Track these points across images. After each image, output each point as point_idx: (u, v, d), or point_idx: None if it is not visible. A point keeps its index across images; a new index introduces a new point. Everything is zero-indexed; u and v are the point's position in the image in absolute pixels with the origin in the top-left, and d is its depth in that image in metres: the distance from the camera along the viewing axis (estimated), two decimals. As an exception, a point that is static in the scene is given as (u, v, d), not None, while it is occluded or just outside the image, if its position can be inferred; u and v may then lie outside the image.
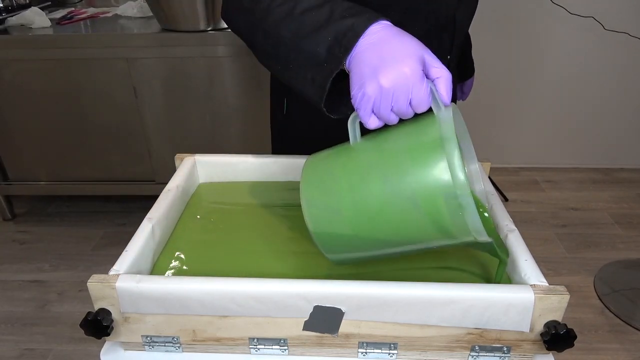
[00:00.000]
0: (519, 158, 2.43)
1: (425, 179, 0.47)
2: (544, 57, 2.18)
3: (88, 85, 1.72)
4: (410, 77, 0.46)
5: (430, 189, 0.47)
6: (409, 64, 0.47)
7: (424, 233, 0.50)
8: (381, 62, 0.48)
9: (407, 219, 0.49)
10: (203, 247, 0.65)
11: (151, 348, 0.56)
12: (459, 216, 0.47)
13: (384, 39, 0.50)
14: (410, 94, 0.47)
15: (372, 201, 0.49)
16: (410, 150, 0.48)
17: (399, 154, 0.49)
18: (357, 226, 0.51)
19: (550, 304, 0.50)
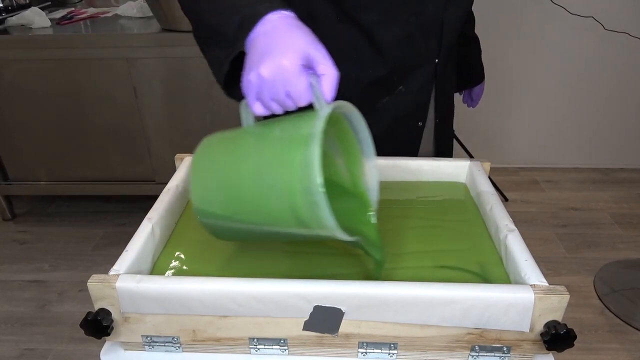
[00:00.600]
0: (519, 158, 2.43)
1: (286, 171, 0.48)
2: (544, 57, 2.18)
3: (88, 85, 1.72)
4: (287, 69, 0.47)
5: (288, 182, 0.48)
6: (288, 56, 0.47)
7: (286, 222, 0.50)
8: (266, 51, 0.49)
9: (271, 206, 0.50)
10: (203, 247, 0.65)
11: (151, 348, 0.56)
12: (313, 211, 0.47)
13: (276, 28, 0.50)
14: (286, 86, 0.48)
15: (242, 184, 0.51)
16: (281, 140, 0.50)
17: (271, 143, 0.51)
18: (228, 204, 0.53)
19: (550, 304, 0.50)
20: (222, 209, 0.54)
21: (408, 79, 0.82)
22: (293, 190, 0.48)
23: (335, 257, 0.63)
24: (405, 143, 0.88)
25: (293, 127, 0.50)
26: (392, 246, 0.65)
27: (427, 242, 0.66)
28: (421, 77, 0.83)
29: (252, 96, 0.50)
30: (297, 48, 0.48)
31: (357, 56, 0.79)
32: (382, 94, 0.84)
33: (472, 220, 0.71)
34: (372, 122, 0.85)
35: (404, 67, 0.81)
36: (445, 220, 0.72)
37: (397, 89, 0.83)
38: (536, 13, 2.08)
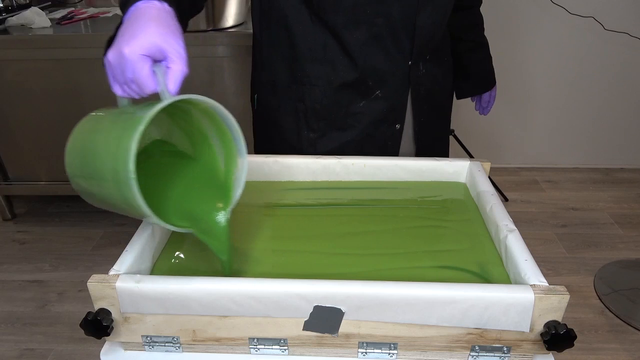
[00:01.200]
0: (519, 158, 2.43)
1: (113, 152, 0.50)
2: (544, 57, 2.18)
3: (88, 85, 1.71)
4: (126, 57, 0.49)
5: (114, 164, 0.50)
6: (130, 45, 0.49)
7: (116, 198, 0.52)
8: (119, 38, 0.52)
9: (107, 184, 0.52)
10: (203, 247, 0.65)
11: (151, 348, 0.56)
12: (129, 195, 0.49)
13: (137, 17, 0.53)
14: (127, 72, 0.50)
15: (89, 157, 0.54)
16: (123, 122, 0.53)
17: (116, 124, 0.54)
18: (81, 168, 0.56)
19: (550, 304, 0.50)
20: (77, 172, 0.57)
21: (383, 83, 0.82)
22: (117, 170, 0.50)
23: (337, 257, 0.63)
24: (384, 146, 0.88)
25: (137, 111, 0.52)
26: (392, 246, 0.65)
27: (427, 242, 0.66)
28: (396, 80, 0.83)
29: (109, 77, 0.53)
30: (143, 39, 0.50)
31: (328, 58, 0.80)
32: (357, 98, 0.84)
33: (472, 220, 0.71)
34: (350, 125, 0.86)
35: (375, 70, 0.81)
36: (445, 220, 0.72)
37: (374, 94, 0.83)
38: (536, 13, 2.08)
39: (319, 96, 0.83)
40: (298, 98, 0.84)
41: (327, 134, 0.86)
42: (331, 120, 0.85)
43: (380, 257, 0.63)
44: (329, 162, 0.80)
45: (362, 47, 0.79)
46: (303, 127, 0.86)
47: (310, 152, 0.87)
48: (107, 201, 0.55)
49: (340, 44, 0.79)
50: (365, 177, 0.81)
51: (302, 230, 0.69)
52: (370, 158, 0.80)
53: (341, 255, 0.64)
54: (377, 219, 0.71)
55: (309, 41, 0.80)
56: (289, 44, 0.81)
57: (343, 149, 0.86)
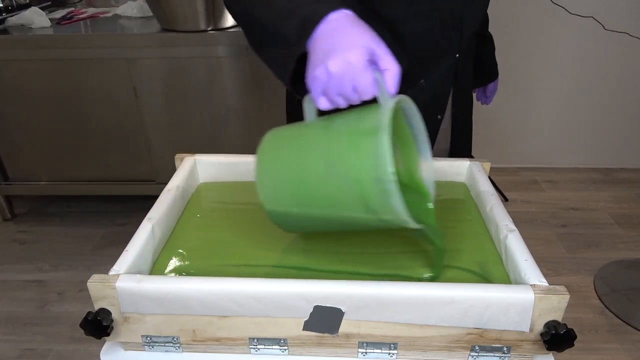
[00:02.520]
0: (519, 158, 2.43)
1: (357, 162, 0.50)
2: (543, 57, 2.18)
3: (88, 85, 1.71)
4: (355, 65, 0.49)
5: (360, 172, 0.50)
6: (355, 53, 0.49)
7: (355, 211, 0.53)
8: (332, 49, 0.51)
9: (341, 196, 0.52)
10: (203, 247, 0.65)
11: (151, 348, 0.56)
12: (385, 200, 0.50)
13: (339, 27, 0.52)
14: (353, 80, 0.50)
15: (311, 175, 0.54)
16: (349, 133, 0.52)
17: (340, 135, 0.53)
18: (298, 197, 0.55)
19: (550, 304, 0.50)
20: (291, 203, 0.56)
21: (428, 72, 0.84)
22: (364, 179, 0.50)
23: (337, 256, 0.63)
24: None
25: (359, 120, 0.52)
26: (392, 245, 0.65)
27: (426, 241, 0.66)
28: (441, 71, 0.84)
29: (317, 91, 0.52)
30: (362, 44, 0.50)
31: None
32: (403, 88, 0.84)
33: (472, 220, 0.71)
34: None
35: (424, 61, 0.82)
36: (445, 220, 0.72)
37: (418, 83, 0.84)
38: (536, 13, 2.08)
39: None
40: None
41: None
42: None
43: (380, 256, 0.63)
44: (329, 162, 0.80)
45: (417, 39, 0.79)
46: None
47: None
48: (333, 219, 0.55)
49: (395, 36, 0.78)
50: (365, 177, 0.81)
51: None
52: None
53: (341, 254, 0.63)
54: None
55: None
56: None
57: None
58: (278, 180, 0.57)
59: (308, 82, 0.53)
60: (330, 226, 0.58)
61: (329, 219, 0.56)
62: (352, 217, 0.54)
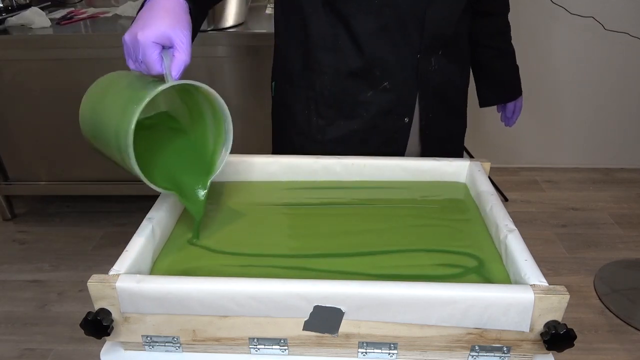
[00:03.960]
0: (519, 158, 2.43)
1: (117, 117, 0.58)
2: (543, 57, 2.18)
3: (88, 85, 1.71)
4: (140, 42, 0.57)
5: (116, 127, 0.58)
6: (145, 32, 0.57)
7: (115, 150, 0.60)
8: (136, 22, 0.60)
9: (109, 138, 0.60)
10: (203, 247, 0.65)
11: (151, 348, 0.56)
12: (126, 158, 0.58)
13: (154, 6, 0.60)
14: (138, 54, 0.58)
15: (98, 112, 0.64)
16: (131, 90, 0.60)
17: (125, 90, 0.62)
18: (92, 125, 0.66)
19: (550, 304, 0.50)
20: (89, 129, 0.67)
21: (391, 75, 0.83)
22: (117, 135, 0.58)
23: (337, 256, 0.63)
24: (391, 138, 0.89)
25: (141, 85, 0.60)
26: (392, 245, 0.65)
27: (427, 241, 0.66)
28: (404, 72, 0.84)
29: (125, 54, 0.61)
30: (156, 28, 0.58)
31: (338, 46, 0.82)
32: (365, 88, 0.85)
33: (472, 220, 0.71)
34: (357, 114, 0.87)
35: (383, 61, 0.82)
36: (445, 220, 0.72)
37: (382, 85, 0.84)
38: (536, 13, 2.08)
39: (328, 84, 0.85)
40: (309, 85, 0.87)
41: (335, 122, 0.88)
42: (339, 108, 0.87)
43: (380, 256, 0.63)
44: (329, 162, 0.80)
45: (370, 37, 0.80)
46: (313, 114, 0.88)
47: (319, 139, 0.89)
48: (108, 154, 0.64)
49: (349, 32, 0.80)
50: (365, 177, 0.81)
51: (301, 230, 0.69)
52: (371, 158, 0.80)
53: (341, 254, 0.64)
54: (377, 219, 0.71)
55: (321, 29, 0.82)
56: (303, 32, 0.83)
57: (350, 138, 0.88)
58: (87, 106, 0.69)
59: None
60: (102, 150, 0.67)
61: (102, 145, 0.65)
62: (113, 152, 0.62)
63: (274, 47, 0.93)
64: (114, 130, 0.58)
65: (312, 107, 0.88)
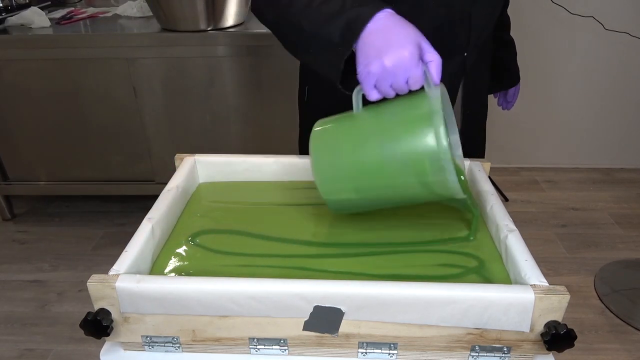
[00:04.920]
0: (519, 158, 2.43)
1: (415, 144, 0.57)
2: (543, 57, 2.18)
3: (88, 85, 1.71)
4: (409, 59, 0.55)
5: (418, 153, 0.57)
6: (408, 48, 0.55)
7: (412, 190, 0.60)
8: (385, 45, 0.56)
9: (399, 178, 0.59)
10: (203, 247, 0.65)
11: (151, 348, 0.56)
12: (441, 176, 0.57)
13: (387, 25, 0.57)
14: (407, 73, 0.56)
15: (370, 162, 0.60)
16: (404, 119, 0.58)
17: (394, 123, 0.59)
18: (357, 183, 0.61)
19: (550, 304, 0.50)
20: (350, 190, 0.62)
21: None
22: (422, 159, 0.56)
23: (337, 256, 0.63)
24: None
25: (409, 109, 0.58)
26: (391, 245, 0.65)
27: (427, 241, 0.66)
28: (449, 68, 0.84)
29: (370, 84, 0.58)
30: (412, 40, 0.56)
31: None
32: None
33: (472, 221, 0.71)
34: None
35: None
36: (445, 219, 0.71)
37: None
38: (536, 13, 2.08)
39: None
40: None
41: None
42: None
43: (380, 256, 0.63)
44: (329, 162, 0.80)
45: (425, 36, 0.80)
46: None
47: None
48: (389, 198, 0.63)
49: None
50: (365, 177, 0.81)
51: (301, 231, 0.69)
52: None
53: (341, 254, 0.64)
54: (377, 218, 0.71)
55: None
56: None
57: None
58: (336, 171, 0.62)
59: (361, 76, 0.58)
60: (385, 204, 0.66)
61: (386, 199, 0.63)
62: (408, 194, 0.61)
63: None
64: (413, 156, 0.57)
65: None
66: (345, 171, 0.61)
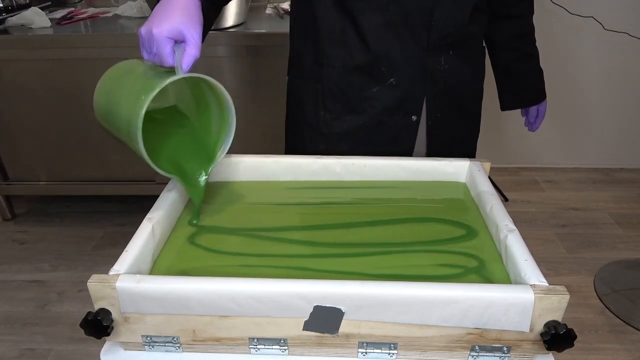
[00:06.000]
0: (519, 158, 2.43)
1: (129, 103, 0.63)
2: (543, 57, 2.17)
3: (88, 85, 1.70)
4: (154, 36, 0.61)
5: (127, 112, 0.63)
6: (160, 27, 0.61)
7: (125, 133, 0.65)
8: (151, 17, 0.64)
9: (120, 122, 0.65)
10: (203, 247, 0.65)
11: (151, 348, 0.56)
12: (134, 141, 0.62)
13: (169, 2, 0.64)
14: (153, 47, 0.62)
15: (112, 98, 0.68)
16: (145, 79, 0.65)
17: (137, 78, 0.67)
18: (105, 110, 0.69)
19: (550, 304, 0.50)
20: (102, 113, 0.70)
21: (397, 71, 0.83)
22: (128, 119, 0.62)
23: (337, 256, 0.63)
24: (398, 136, 0.89)
25: (154, 75, 0.64)
26: (392, 245, 0.65)
27: (427, 241, 0.66)
28: (410, 68, 0.84)
29: (140, 46, 0.65)
30: (170, 23, 0.62)
31: (344, 40, 0.83)
32: (371, 84, 0.85)
33: (472, 220, 0.71)
34: (363, 110, 0.87)
35: (389, 57, 0.82)
36: (445, 219, 0.72)
37: (388, 81, 0.84)
38: (536, 13, 2.08)
39: (334, 78, 0.86)
40: (317, 79, 0.88)
41: (342, 116, 0.88)
42: (345, 102, 0.87)
43: (380, 256, 0.63)
44: (329, 162, 0.80)
45: (376, 32, 0.81)
46: (320, 108, 0.89)
47: (326, 133, 0.90)
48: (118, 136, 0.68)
49: (356, 27, 0.81)
50: (365, 177, 0.81)
51: (301, 231, 0.69)
52: (371, 158, 0.80)
53: (341, 254, 0.64)
54: (378, 219, 0.71)
55: (329, 23, 0.83)
56: (314, 25, 0.85)
57: (356, 133, 0.89)
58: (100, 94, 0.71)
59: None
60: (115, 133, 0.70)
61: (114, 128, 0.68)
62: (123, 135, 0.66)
63: (289, 43, 0.94)
64: (126, 114, 0.62)
65: (320, 100, 0.89)
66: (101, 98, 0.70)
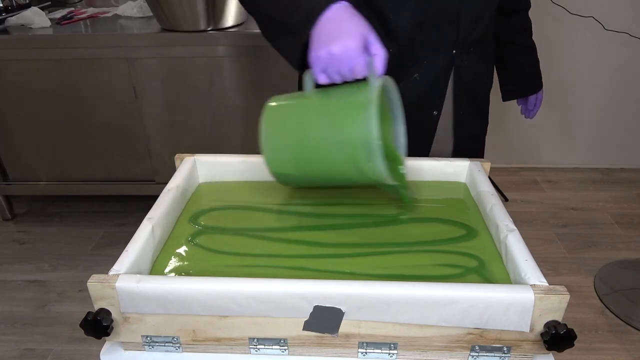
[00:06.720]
0: (519, 158, 2.43)
1: (349, 128, 0.61)
2: (543, 57, 2.17)
3: (88, 85, 1.71)
4: (353, 49, 0.59)
5: (351, 137, 0.61)
6: (354, 39, 0.59)
7: (347, 170, 0.64)
8: (334, 34, 0.60)
9: (335, 157, 0.63)
10: (203, 247, 0.65)
11: (151, 348, 0.56)
12: (370, 160, 0.61)
13: (340, 16, 0.62)
14: (350, 62, 0.59)
15: (310, 139, 0.65)
16: (344, 105, 0.63)
17: (335, 106, 0.64)
18: (298, 158, 0.66)
19: (550, 304, 0.50)
20: (292, 164, 0.67)
21: (422, 67, 0.84)
22: (355, 143, 0.61)
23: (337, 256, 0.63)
24: (419, 131, 0.89)
25: (352, 95, 0.62)
26: (392, 245, 0.65)
27: (427, 241, 0.66)
28: (436, 66, 0.84)
29: (319, 68, 0.62)
30: (358, 32, 0.60)
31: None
32: (396, 79, 0.85)
33: (472, 220, 0.71)
34: None
35: (416, 55, 0.83)
36: (445, 220, 0.72)
37: (412, 77, 0.84)
38: (536, 13, 2.08)
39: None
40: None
41: None
42: None
43: (380, 256, 0.63)
44: (329, 162, 0.80)
45: (406, 31, 0.81)
46: None
47: None
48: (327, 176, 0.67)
49: (383, 26, 0.81)
50: (365, 177, 0.81)
51: (301, 231, 0.69)
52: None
53: (341, 254, 0.64)
54: (377, 218, 0.71)
55: None
56: None
57: None
58: (281, 144, 0.67)
59: (311, 60, 0.62)
60: (323, 182, 0.70)
61: (323, 177, 0.67)
62: (343, 174, 0.65)
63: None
64: (344, 140, 0.61)
65: None
66: (289, 146, 0.66)
